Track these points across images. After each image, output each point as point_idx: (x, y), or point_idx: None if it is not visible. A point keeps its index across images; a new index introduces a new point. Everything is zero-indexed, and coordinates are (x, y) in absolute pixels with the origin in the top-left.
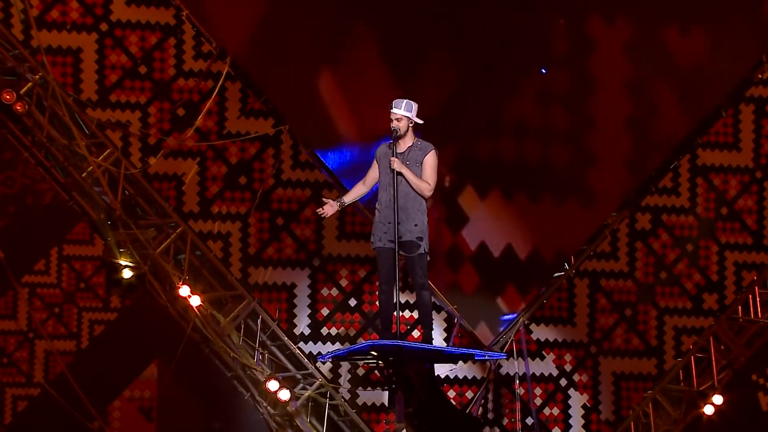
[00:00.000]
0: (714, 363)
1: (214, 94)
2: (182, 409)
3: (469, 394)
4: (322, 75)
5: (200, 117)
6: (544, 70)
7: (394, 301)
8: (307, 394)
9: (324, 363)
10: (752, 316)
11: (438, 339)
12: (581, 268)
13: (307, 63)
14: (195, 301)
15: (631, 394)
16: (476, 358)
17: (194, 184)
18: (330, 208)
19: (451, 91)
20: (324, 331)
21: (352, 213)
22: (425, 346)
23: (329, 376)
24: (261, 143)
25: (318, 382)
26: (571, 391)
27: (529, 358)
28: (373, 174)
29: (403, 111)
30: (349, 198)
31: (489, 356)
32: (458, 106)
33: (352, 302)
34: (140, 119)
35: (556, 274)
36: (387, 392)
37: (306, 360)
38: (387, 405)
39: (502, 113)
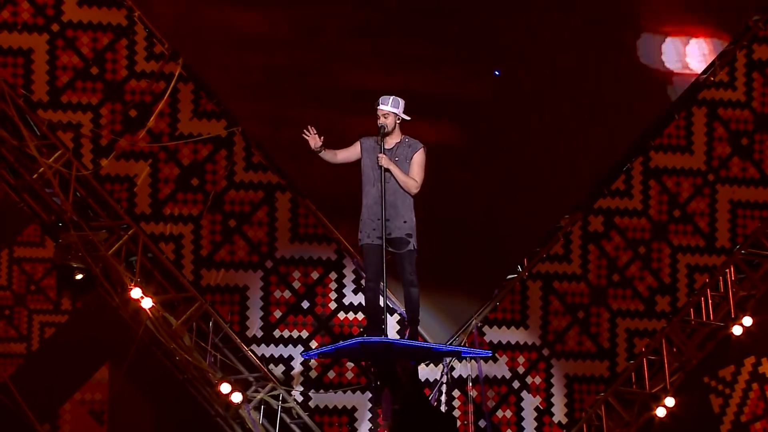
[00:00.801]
0: (666, 365)
1: (167, 95)
2: (134, 411)
3: None
4: (275, 76)
5: (152, 118)
6: (497, 72)
7: (382, 298)
8: (259, 396)
9: (309, 360)
10: (704, 319)
11: None
12: (534, 270)
13: (261, 64)
14: (147, 303)
15: (584, 396)
16: (463, 355)
17: (146, 185)
18: (314, 139)
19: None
20: (276, 333)
21: (304, 215)
22: (415, 343)
23: (282, 378)
24: (213, 145)
25: (270, 385)
26: (524, 394)
27: (481, 360)
28: (347, 154)
29: (390, 107)
30: (326, 153)
31: (475, 354)
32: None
33: (305, 304)
34: (92, 120)
35: (509, 276)
36: (373, 390)
37: (258, 362)
38: (373, 402)
39: (452, 114)
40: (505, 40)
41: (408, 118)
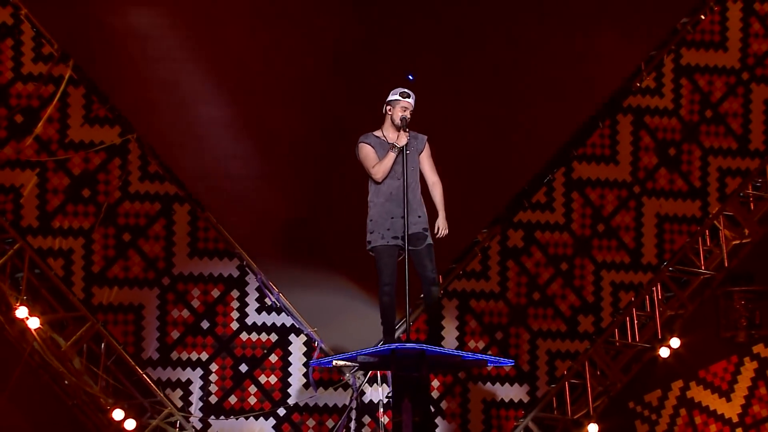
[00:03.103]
0: (589, 389)
1: (56, 99)
2: None
3: (329, 423)
4: (172, 78)
5: (40, 124)
6: (411, 77)
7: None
8: (154, 423)
9: (325, 367)
10: (629, 340)
11: (296, 364)
12: (450, 287)
13: (156, 66)
14: (33, 323)
15: (502, 422)
16: (489, 364)
17: (33, 196)
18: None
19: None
20: (174, 355)
21: (204, 229)
22: (449, 351)
23: (179, 404)
24: (107, 153)
25: (167, 411)
26: (439, 420)
27: None
28: (385, 163)
29: (413, 102)
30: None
31: (500, 363)
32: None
33: (205, 324)
34: None
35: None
36: (391, 399)
37: (154, 386)
38: (392, 414)
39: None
40: (423, 48)
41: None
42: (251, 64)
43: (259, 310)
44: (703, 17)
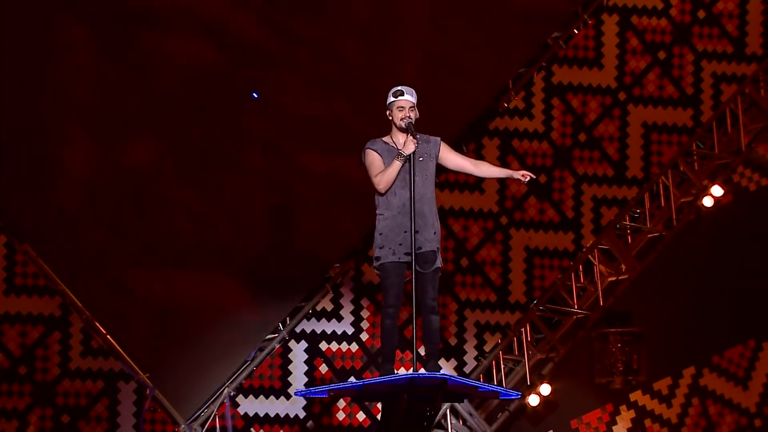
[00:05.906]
0: None
1: None
2: None
3: None
4: None
5: None
6: (255, 95)
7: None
8: None
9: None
10: None
11: (126, 414)
12: (298, 329)
13: None
14: None
15: None
16: (500, 397)
17: None
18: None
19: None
20: None
21: (23, 263)
22: (468, 381)
23: None
24: None
25: None
26: None
27: None
28: (390, 172)
29: (414, 99)
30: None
31: (510, 395)
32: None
33: (22, 370)
34: None
35: (268, 337)
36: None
37: None
38: None
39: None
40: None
41: None
42: (83, 85)
43: (84, 354)
44: (576, 32)
